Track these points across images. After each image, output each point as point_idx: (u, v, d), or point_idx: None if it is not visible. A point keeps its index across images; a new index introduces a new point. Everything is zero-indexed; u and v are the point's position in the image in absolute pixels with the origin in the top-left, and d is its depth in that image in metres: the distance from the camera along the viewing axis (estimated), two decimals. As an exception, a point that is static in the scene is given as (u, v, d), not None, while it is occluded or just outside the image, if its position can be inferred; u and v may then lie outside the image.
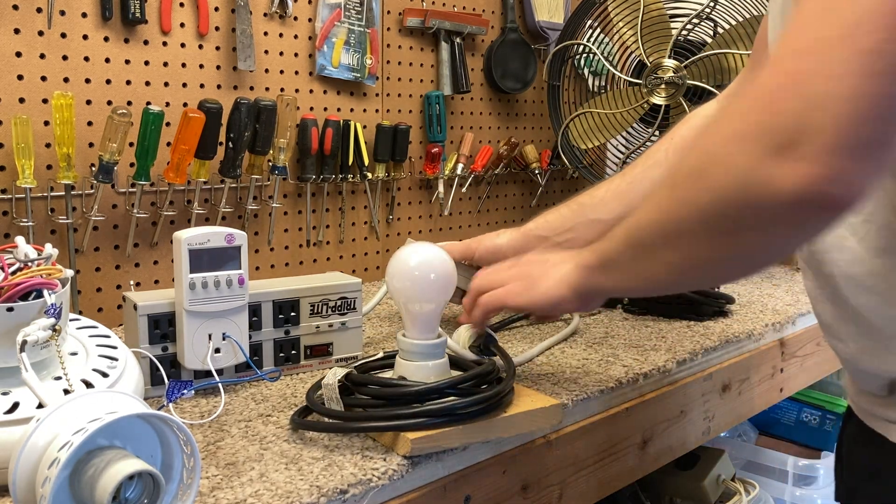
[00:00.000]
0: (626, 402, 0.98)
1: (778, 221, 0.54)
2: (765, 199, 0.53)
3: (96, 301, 1.18)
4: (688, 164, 0.60)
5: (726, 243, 0.59)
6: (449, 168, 1.63)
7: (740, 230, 0.57)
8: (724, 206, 0.56)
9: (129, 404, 0.62)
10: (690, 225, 0.60)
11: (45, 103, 1.10)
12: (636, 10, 1.53)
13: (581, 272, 0.79)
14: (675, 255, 0.64)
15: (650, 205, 0.66)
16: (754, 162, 0.53)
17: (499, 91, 1.73)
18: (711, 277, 0.71)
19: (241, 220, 1.32)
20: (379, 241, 1.55)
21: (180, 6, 1.22)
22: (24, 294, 0.68)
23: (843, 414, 0.89)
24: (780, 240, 0.57)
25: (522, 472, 0.84)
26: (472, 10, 1.66)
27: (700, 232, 0.60)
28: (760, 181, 0.52)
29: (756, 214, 0.54)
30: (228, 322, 0.89)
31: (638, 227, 0.68)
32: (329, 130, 1.38)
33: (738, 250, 0.59)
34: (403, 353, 0.80)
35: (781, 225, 0.55)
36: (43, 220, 1.11)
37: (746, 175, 0.53)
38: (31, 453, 0.57)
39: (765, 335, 1.24)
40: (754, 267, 0.65)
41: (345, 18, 1.42)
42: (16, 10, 1.07)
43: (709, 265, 0.64)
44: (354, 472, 0.69)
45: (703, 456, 1.42)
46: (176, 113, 1.19)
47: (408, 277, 0.79)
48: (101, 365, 0.74)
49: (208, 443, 0.76)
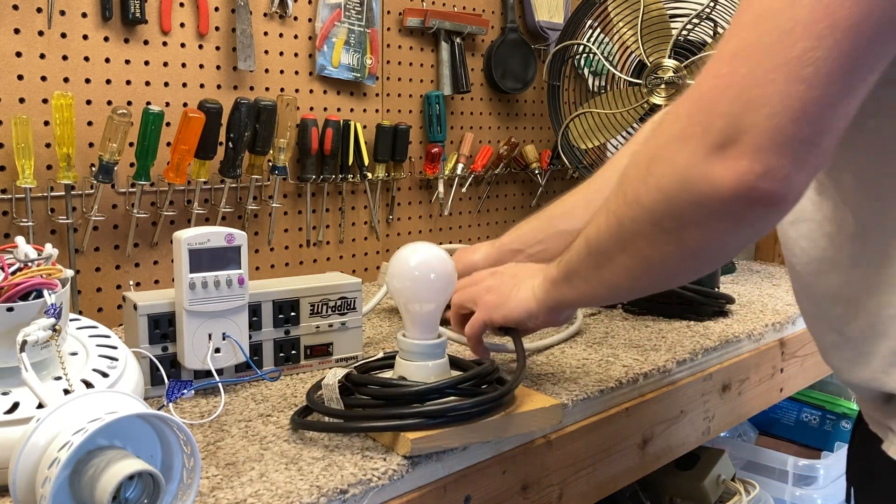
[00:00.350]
0: (626, 402, 0.98)
1: (717, 216, 0.58)
2: (704, 194, 0.57)
3: (96, 301, 1.18)
4: (635, 167, 0.64)
5: (673, 240, 0.62)
6: (449, 168, 1.63)
7: (684, 226, 0.60)
8: (669, 203, 0.60)
9: (129, 404, 0.62)
10: (641, 226, 0.64)
11: (45, 103, 1.10)
12: (636, 10, 1.53)
13: (547, 286, 0.82)
14: (632, 259, 0.67)
15: (604, 212, 0.69)
16: (694, 160, 0.57)
17: (499, 91, 1.73)
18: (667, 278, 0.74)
19: (241, 220, 1.32)
20: (379, 241, 1.55)
21: (180, 6, 1.22)
22: (24, 294, 0.68)
23: (843, 414, 0.90)
24: (721, 235, 0.61)
25: (522, 472, 0.84)
26: (472, 10, 1.66)
27: (650, 232, 0.64)
28: (699, 178, 0.56)
29: (697, 210, 0.58)
30: (228, 322, 0.89)
31: (597, 235, 0.71)
32: (329, 130, 1.38)
33: (685, 247, 0.62)
34: (403, 353, 0.80)
35: (721, 220, 0.58)
36: (43, 220, 1.11)
37: (687, 171, 0.57)
38: (31, 453, 0.57)
39: (765, 335, 1.24)
40: (703, 264, 0.68)
41: (345, 18, 1.42)
42: (16, 10, 1.07)
43: (662, 265, 0.67)
44: (354, 472, 0.69)
45: (703, 456, 1.42)
46: (176, 113, 1.19)
47: (408, 277, 0.79)
48: (101, 365, 0.74)
49: (208, 443, 0.76)
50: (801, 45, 0.52)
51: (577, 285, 0.78)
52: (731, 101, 0.55)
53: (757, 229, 0.60)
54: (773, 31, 0.53)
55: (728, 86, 0.55)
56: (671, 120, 0.60)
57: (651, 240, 0.64)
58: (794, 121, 0.53)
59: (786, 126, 0.53)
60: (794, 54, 0.52)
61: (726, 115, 0.55)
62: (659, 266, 0.67)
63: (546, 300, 0.83)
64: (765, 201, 0.55)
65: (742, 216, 0.58)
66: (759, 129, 0.54)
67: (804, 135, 0.53)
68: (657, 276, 0.70)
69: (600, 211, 0.70)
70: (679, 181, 0.58)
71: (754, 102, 0.54)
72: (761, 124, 0.53)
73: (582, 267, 0.75)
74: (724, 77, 0.55)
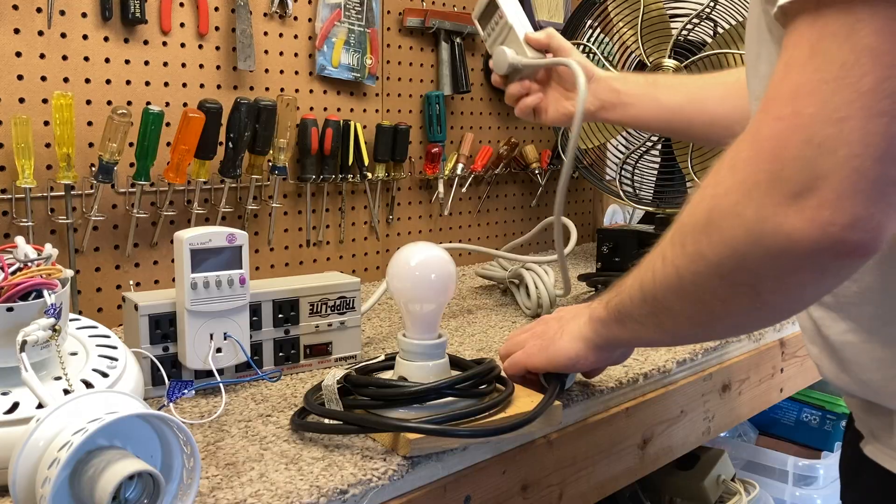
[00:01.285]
0: (626, 402, 0.98)
1: (797, 271, 0.53)
2: (781, 248, 0.51)
3: (96, 301, 1.18)
4: (695, 219, 0.58)
5: (747, 294, 0.57)
6: (449, 168, 1.63)
7: (760, 280, 0.55)
8: (739, 259, 0.54)
9: (129, 404, 0.62)
10: (707, 279, 0.58)
11: (45, 103, 1.10)
12: (636, 10, 1.53)
13: (596, 326, 0.78)
14: (696, 309, 0.62)
15: (660, 259, 0.63)
16: (765, 212, 0.51)
17: (499, 91, 1.72)
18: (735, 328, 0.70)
19: (241, 220, 1.32)
20: (379, 241, 1.55)
21: (180, 6, 1.22)
22: (24, 294, 0.68)
23: (842, 414, 0.90)
24: (801, 288, 0.55)
25: (522, 472, 0.84)
26: (472, 10, 1.65)
27: (717, 287, 0.58)
28: (774, 231, 0.51)
29: (773, 264, 0.53)
30: (230, 322, 0.89)
31: (653, 284, 0.65)
32: (329, 130, 1.38)
33: (758, 301, 0.57)
34: (404, 354, 0.80)
35: (801, 273, 0.53)
36: (43, 220, 1.11)
37: (759, 226, 0.52)
38: (31, 453, 0.57)
39: (765, 335, 1.24)
40: (778, 315, 0.62)
41: (345, 18, 1.42)
42: (16, 10, 1.07)
43: (730, 317, 0.62)
44: (354, 472, 0.69)
45: (703, 456, 1.42)
46: (176, 113, 1.19)
47: (408, 277, 0.79)
48: (101, 365, 0.74)
49: (208, 443, 0.76)
50: (871, 77, 0.48)
51: (631, 327, 0.72)
52: (800, 145, 0.49)
53: (842, 278, 0.56)
54: (833, 65, 0.49)
55: (794, 128, 0.50)
56: (727, 167, 0.55)
57: (718, 294, 0.59)
58: (875, 160, 0.48)
59: (870, 168, 0.48)
60: (863, 87, 0.48)
61: (798, 161, 0.49)
62: (726, 317, 0.62)
63: (595, 339, 0.78)
64: (850, 253, 0.50)
65: (826, 268, 0.52)
66: (839, 175, 0.48)
67: (887, 175, 0.48)
68: (724, 326, 0.66)
69: (654, 256, 0.64)
70: (749, 235, 0.52)
71: (829, 144, 0.48)
72: (839, 168, 0.48)
73: (636, 312, 0.70)
74: (788, 119, 0.50)
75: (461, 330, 1.19)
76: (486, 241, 1.76)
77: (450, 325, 1.21)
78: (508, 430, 0.75)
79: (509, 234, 1.81)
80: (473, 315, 1.28)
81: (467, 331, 1.18)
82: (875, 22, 0.48)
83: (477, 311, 1.30)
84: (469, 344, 1.11)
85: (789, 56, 0.52)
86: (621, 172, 1.60)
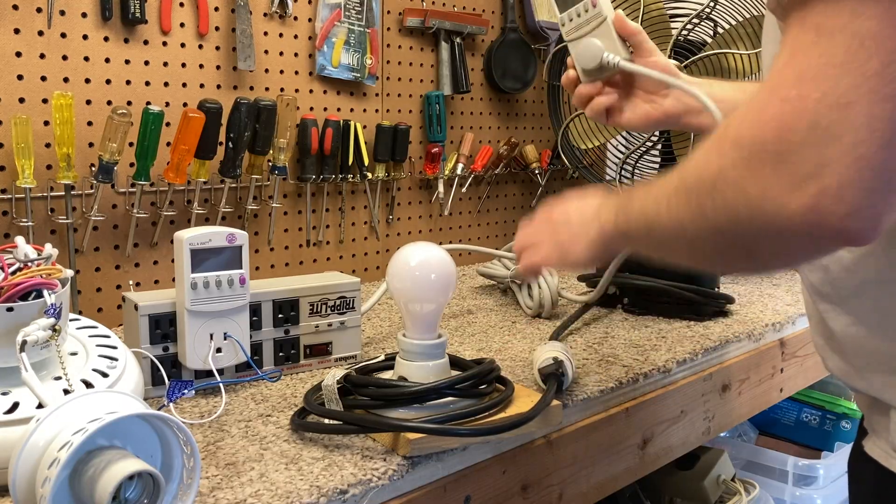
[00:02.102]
0: (626, 403, 0.98)
1: (793, 244, 0.54)
2: (780, 227, 0.52)
3: (96, 301, 1.18)
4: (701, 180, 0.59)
5: (741, 253, 0.59)
6: (449, 168, 1.63)
7: (757, 246, 0.56)
8: (739, 226, 0.55)
9: (129, 404, 0.62)
10: (708, 234, 0.59)
11: (45, 103, 1.10)
12: (636, 10, 1.52)
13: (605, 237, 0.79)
14: (693, 252, 0.65)
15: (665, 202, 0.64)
16: (769, 192, 0.51)
17: (499, 91, 1.73)
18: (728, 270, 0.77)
19: (240, 220, 1.32)
20: (379, 241, 1.55)
21: (180, 6, 1.22)
22: (24, 294, 0.68)
23: (843, 414, 0.90)
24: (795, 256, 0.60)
25: (522, 472, 0.84)
26: (472, 10, 1.66)
27: (718, 241, 0.59)
28: (775, 211, 0.51)
29: (770, 236, 0.54)
30: (230, 321, 0.89)
31: (657, 223, 0.66)
32: (329, 130, 1.38)
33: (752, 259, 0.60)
34: (404, 353, 0.80)
35: (797, 246, 0.54)
36: (43, 220, 1.11)
37: (760, 203, 0.52)
38: (31, 453, 0.57)
39: (765, 335, 1.24)
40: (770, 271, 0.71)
41: (345, 18, 1.42)
42: (16, 10, 1.07)
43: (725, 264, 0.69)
44: (354, 472, 0.69)
45: (703, 456, 1.42)
46: (176, 113, 1.19)
47: (408, 277, 0.79)
48: (101, 365, 0.74)
49: (208, 443, 0.76)
50: (877, 61, 0.47)
51: (634, 244, 0.76)
52: (806, 129, 0.49)
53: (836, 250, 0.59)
54: (838, 49, 0.49)
55: (800, 111, 0.49)
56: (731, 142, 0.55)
57: (717, 247, 0.60)
58: (884, 146, 0.47)
59: (874, 155, 0.48)
60: (868, 71, 0.48)
61: (803, 146, 0.49)
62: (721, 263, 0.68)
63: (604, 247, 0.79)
64: (852, 241, 0.51)
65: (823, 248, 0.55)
66: (843, 163, 0.48)
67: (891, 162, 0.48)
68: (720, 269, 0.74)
69: (661, 196, 0.64)
70: (751, 210, 0.53)
71: (835, 130, 0.48)
72: (845, 155, 0.48)
73: (641, 241, 0.71)
74: (794, 101, 0.50)
75: (461, 330, 1.19)
76: (486, 241, 1.76)
77: (450, 325, 1.21)
78: (507, 428, 0.75)
79: (509, 233, 1.80)
80: (473, 315, 1.28)
81: (467, 331, 1.18)
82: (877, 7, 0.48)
83: (477, 311, 1.30)
84: (469, 344, 1.11)
85: (794, 39, 0.52)
86: (621, 172, 1.60)
